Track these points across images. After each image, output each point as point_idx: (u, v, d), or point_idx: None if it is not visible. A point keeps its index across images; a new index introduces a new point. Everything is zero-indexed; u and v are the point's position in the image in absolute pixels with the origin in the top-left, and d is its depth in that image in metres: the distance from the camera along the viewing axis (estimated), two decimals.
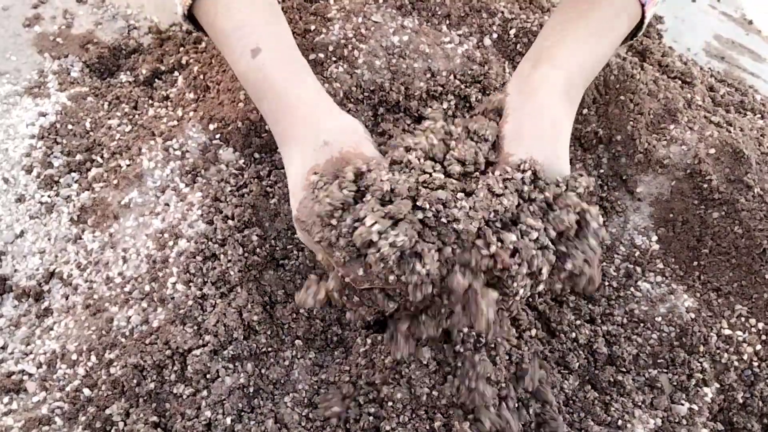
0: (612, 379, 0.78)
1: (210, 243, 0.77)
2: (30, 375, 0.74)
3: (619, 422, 0.75)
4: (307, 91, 0.69)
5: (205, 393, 0.69)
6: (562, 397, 0.77)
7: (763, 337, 0.81)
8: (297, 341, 0.77)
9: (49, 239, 0.84)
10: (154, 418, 0.69)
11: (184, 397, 0.69)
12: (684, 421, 0.76)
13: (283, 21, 0.74)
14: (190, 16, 0.75)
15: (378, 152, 0.65)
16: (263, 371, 0.74)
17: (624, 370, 0.80)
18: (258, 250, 0.79)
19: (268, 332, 0.76)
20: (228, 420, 0.69)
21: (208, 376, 0.70)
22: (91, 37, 1.03)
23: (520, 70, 0.73)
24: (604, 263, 0.88)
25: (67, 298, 0.79)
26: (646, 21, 0.76)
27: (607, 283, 0.86)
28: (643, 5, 0.74)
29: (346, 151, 0.64)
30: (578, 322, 0.82)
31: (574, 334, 0.81)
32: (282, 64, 0.70)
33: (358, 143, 0.65)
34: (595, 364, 0.81)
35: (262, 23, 0.71)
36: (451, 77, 0.89)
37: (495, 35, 0.95)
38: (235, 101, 0.87)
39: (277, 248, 0.81)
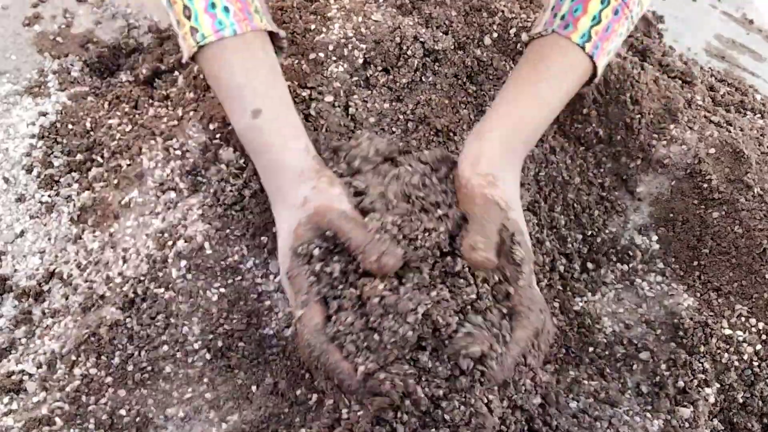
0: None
1: (207, 242, 0.77)
2: (30, 375, 0.74)
3: (621, 423, 0.75)
4: (299, 156, 0.73)
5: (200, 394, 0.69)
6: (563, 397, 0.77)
7: (763, 337, 0.81)
8: None
9: (49, 239, 0.84)
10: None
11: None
12: (686, 424, 0.76)
13: (283, 81, 0.78)
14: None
15: (350, 206, 0.70)
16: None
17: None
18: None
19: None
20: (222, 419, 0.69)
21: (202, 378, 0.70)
22: (91, 36, 1.03)
23: (468, 144, 0.76)
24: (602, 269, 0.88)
25: (67, 298, 0.79)
26: (600, 70, 0.80)
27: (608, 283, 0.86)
28: (591, 57, 0.77)
29: (320, 204, 0.69)
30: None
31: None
32: (279, 127, 0.74)
33: (331, 199, 0.70)
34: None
35: (263, 86, 0.75)
36: None
37: (495, 34, 0.95)
38: None
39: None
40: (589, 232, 0.89)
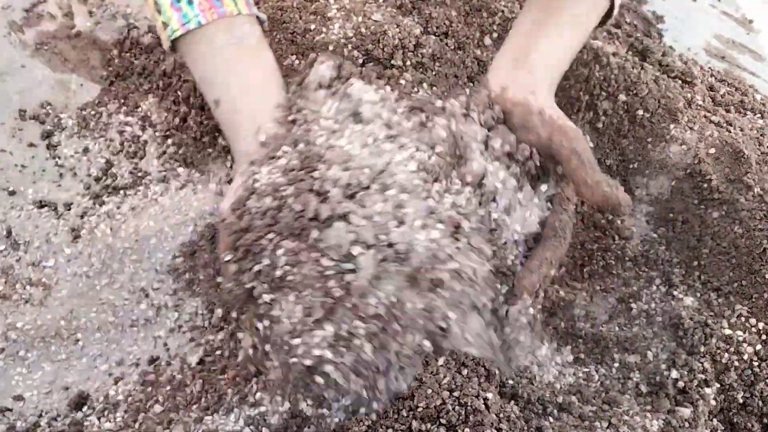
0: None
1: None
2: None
3: (621, 422, 0.75)
4: (247, 141, 0.75)
5: None
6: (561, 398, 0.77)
7: (763, 337, 0.81)
8: None
9: None
10: None
11: None
12: (686, 424, 0.76)
13: (249, 62, 0.79)
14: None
15: None
16: None
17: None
18: None
19: None
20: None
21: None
22: (92, 36, 1.03)
23: (499, 65, 0.80)
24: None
25: None
26: (616, 9, 0.82)
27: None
28: None
29: None
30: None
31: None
32: (233, 116, 0.77)
33: None
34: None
35: (222, 74, 0.77)
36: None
37: (495, 34, 0.95)
38: None
39: None
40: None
